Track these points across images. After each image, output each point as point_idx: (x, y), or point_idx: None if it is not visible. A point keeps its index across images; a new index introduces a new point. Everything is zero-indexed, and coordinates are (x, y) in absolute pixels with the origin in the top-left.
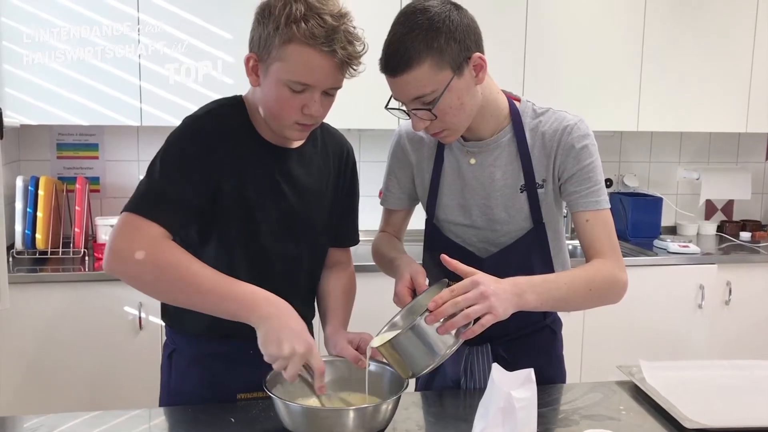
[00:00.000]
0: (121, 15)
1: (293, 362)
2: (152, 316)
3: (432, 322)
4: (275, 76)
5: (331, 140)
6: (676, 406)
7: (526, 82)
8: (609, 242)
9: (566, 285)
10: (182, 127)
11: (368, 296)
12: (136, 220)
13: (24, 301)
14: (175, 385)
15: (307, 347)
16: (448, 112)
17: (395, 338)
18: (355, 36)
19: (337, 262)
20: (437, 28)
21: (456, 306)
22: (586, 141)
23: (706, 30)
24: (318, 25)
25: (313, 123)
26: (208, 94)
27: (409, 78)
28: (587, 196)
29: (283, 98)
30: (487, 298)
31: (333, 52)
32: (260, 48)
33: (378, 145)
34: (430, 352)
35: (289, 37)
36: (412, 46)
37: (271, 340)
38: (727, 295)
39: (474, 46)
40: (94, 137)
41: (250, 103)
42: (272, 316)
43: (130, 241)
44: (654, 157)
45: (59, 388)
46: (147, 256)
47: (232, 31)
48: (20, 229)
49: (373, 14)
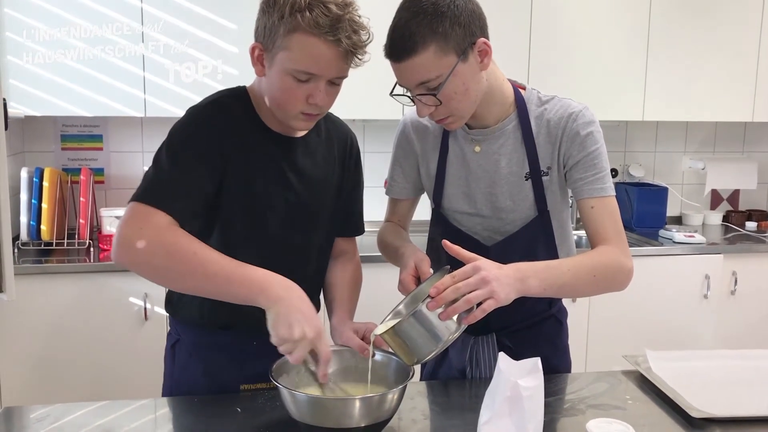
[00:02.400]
0: (125, 7)
1: (301, 346)
2: (157, 306)
3: (434, 308)
4: (280, 65)
5: (335, 129)
6: (683, 395)
7: (531, 72)
8: (614, 229)
9: (570, 271)
10: (186, 117)
11: (374, 286)
12: (142, 208)
13: (29, 292)
14: (177, 374)
15: (316, 332)
16: (453, 98)
17: (398, 325)
18: (360, 25)
19: (343, 252)
20: (442, 12)
21: (457, 291)
22: (591, 128)
23: (712, 19)
24: (323, 14)
25: (318, 113)
26: (212, 85)
27: (414, 63)
28: (592, 182)
29: (288, 88)
30: (489, 283)
31: (338, 41)
32: (265, 38)
33: (383, 135)
34: (433, 338)
35: (293, 27)
36: (417, 31)
37: (282, 322)
38: (733, 285)
39: (479, 31)
40: (99, 128)
41: (255, 94)
42: (284, 299)
43: (138, 229)
44: (659, 147)
45: (65, 378)
46: (154, 243)
47: (236, 22)
48: (25, 221)
49: (379, 2)
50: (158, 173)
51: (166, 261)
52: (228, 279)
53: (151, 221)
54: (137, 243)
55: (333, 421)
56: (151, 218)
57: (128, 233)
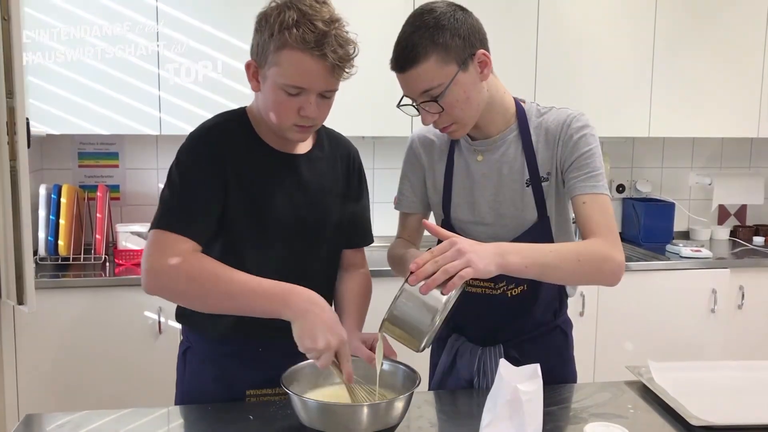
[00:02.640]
0: (141, 27)
1: (327, 355)
2: (171, 320)
3: (414, 283)
4: (272, 80)
5: (336, 145)
6: (684, 404)
7: (538, 89)
8: (605, 224)
9: (553, 252)
10: (190, 140)
11: (384, 300)
12: (164, 236)
13: (47, 305)
14: (189, 381)
15: (339, 340)
16: (456, 106)
17: (389, 313)
18: (345, 40)
19: (352, 263)
20: (442, 25)
21: (436, 265)
22: (585, 130)
23: (717, 35)
24: (309, 31)
25: (311, 125)
26: (225, 103)
27: (417, 73)
28: (585, 180)
29: (280, 101)
30: (465, 254)
31: (323, 55)
32: (258, 55)
33: (392, 152)
34: (427, 313)
35: (282, 43)
36: (419, 43)
37: (307, 334)
38: (740, 299)
39: (478, 43)
40: (115, 146)
41: (253, 114)
42: (308, 311)
43: (161, 256)
44: (666, 163)
45: (80, 389)
46: (179, 269)
47: (249, 41)
48: (43, 236)
49: (387, 19)
50: (173, 198)
51: (191, 285)
52: (251, 296)
53: (174, 248)
54: (161, 270)
55: (342, 428)
56: (173, 245)
57: (153, 262)
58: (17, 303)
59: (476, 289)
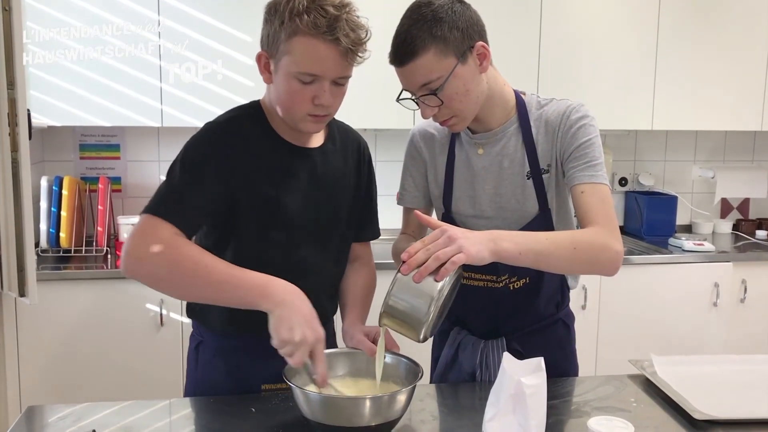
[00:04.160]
0: (142, 18)
1: (302, 349)
2: (173, 312)
3: (407, 272)
4: (285, 70)
5: (346, 137)
6: (687, 398)
7: (541, 82)
8: (604, 213)
9: (548, 240)
10: (202, 133)
11: (384, 293)
12: (152, 221)
13: (49, 297)
14: (201, 374)
15: (317, 336)
16: (455, 98)
17: (385, 304)
18: (357, 24)
19: (358, 256)
20: (440, 18)
21: (427, 252)
22: (584, 120)
23: (721, 28)
24: (320, 16)
25: (326, 114)
26: (227, 95)
27: (415, 66)
28: (584, 169)
29: (293, 91)
30: (456, 240)
31: (336, 40)
32: (269, 45)
33: (394, 144)
34: (420, 303)
35: (293, 30)
36: (417, 36)
37: (284, 325)
38: (743, 293)
39: (477, 36)
40: (116, 138)
41: (267, 107)
42: (286, 302)
43: (145, 240)
44: (669, 156)
45: (82, 381)
46: (159, 254)
47: (251, 33)
48: (45, 228)
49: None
50: (169, 186)
51: (171, 271)
52: (230, 285)
53: (157, 233)
54: (143, 254)
55: (344, 420)
56: (157, 230)
57: (134, 245)
58: (19, 295)
59: (478, 282)
